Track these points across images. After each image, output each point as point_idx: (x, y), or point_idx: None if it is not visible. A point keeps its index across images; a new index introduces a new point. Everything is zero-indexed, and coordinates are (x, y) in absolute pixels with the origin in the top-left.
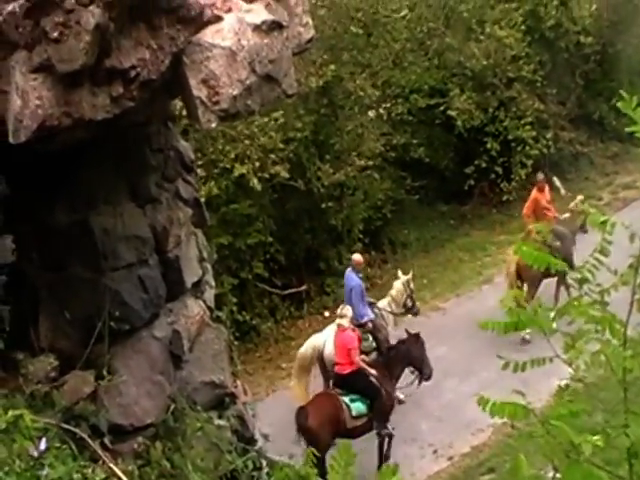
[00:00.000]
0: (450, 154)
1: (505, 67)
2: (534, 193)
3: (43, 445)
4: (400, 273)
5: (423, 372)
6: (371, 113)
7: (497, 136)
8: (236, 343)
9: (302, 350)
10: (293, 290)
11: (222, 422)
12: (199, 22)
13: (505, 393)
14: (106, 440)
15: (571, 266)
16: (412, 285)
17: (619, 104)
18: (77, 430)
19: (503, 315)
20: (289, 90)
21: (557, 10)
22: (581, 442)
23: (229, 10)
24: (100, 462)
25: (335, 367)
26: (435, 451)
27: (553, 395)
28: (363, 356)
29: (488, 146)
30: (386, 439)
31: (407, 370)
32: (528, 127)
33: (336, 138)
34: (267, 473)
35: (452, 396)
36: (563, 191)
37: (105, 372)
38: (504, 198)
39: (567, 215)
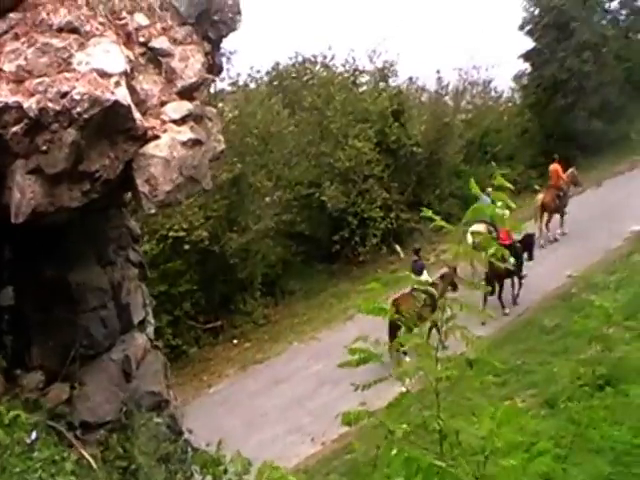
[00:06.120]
0: (323, 228)
1: (362, 168)
2: (554, 166)
3: (34, 436)
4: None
5: None
6: (267, 199)
7: (356, 215)
8: (170, 363)
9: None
10: (211, 325)
11: (159, 420)
12: (144, 139)
13: (362, 397)
14: (78, 432)
15: None
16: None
17: (470, 184)
18: (57, 425)
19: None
20: (206, 187)
21: (397, 129)
22: (394, 429)
23: (165, 131)
24: (74, 448)
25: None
26: (312, 438)
27: (394, 398)
28: None
29: (350, 221)
30: None
31: None
32: (377, 209)
33: (242, 216)
34: (191, 456)
35: (326, 399)
36: (402, 254)
37: (77, 384)
38: (361, 259)
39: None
